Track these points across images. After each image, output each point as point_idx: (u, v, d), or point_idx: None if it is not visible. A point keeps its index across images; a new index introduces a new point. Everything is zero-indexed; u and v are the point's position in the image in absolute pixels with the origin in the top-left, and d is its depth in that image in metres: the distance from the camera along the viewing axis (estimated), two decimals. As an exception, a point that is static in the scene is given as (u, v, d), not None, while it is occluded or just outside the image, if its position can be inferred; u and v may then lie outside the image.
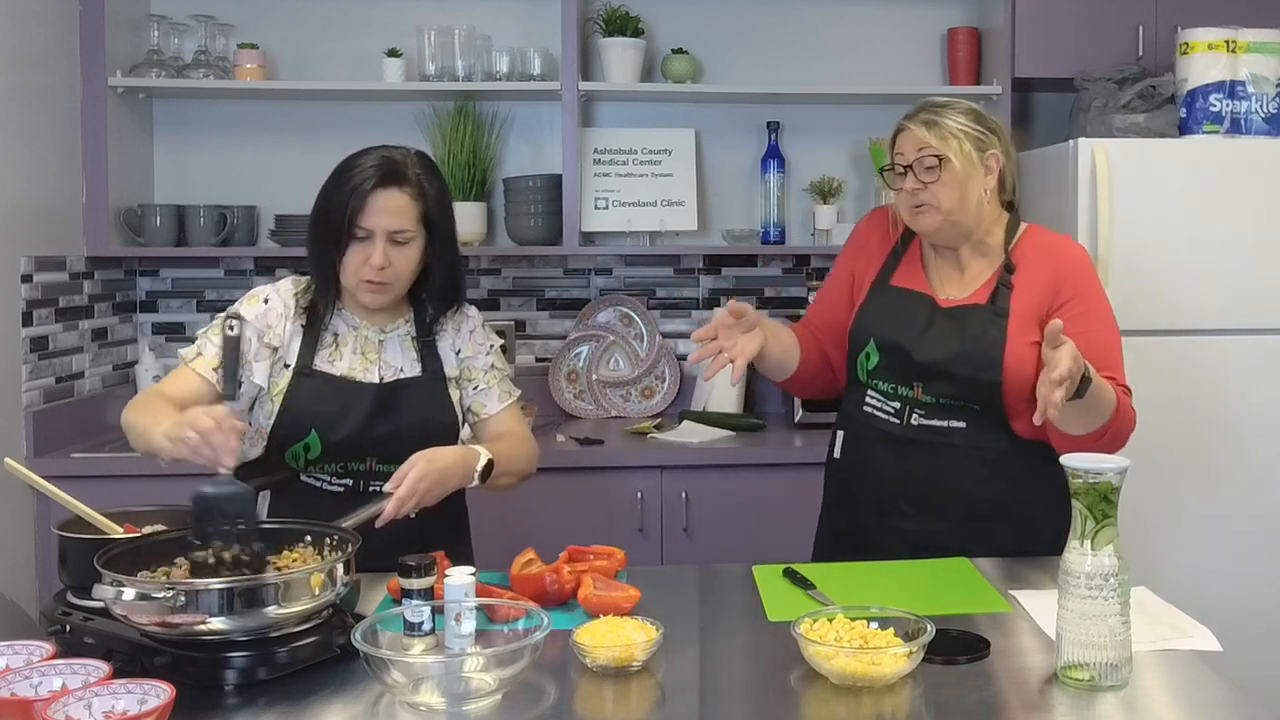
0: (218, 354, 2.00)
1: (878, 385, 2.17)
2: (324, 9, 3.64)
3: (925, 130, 2.09)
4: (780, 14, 3.74)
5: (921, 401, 2.12)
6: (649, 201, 3.67)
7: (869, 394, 2.19)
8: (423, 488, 1.90)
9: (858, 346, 2.19)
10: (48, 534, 2.93)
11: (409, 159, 2.04)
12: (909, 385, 2.13)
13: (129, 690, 1.34)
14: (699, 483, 3.17)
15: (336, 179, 2.02)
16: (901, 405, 2.14)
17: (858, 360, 2.19)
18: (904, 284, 2.20)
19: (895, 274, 2.22)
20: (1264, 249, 3.13)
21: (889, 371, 2.15)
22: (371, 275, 1.99)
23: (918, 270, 2.21)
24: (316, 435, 2.02)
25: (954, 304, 2.15)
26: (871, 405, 2.17)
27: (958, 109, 2.12)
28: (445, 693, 1.47)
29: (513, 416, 2.21)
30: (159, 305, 3.71)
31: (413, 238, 2.02)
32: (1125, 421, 2.04)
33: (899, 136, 2.15)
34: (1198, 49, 3.24)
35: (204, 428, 1.69)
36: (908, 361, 2.12)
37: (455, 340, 2.17)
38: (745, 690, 1.56)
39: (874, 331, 2.17)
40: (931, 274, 2.20)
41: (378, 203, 1.98)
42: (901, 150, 2.13)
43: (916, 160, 2.09)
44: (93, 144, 3.33)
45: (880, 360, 2.16)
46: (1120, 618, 1.50)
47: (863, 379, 2.19)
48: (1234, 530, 3.13)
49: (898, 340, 2.13)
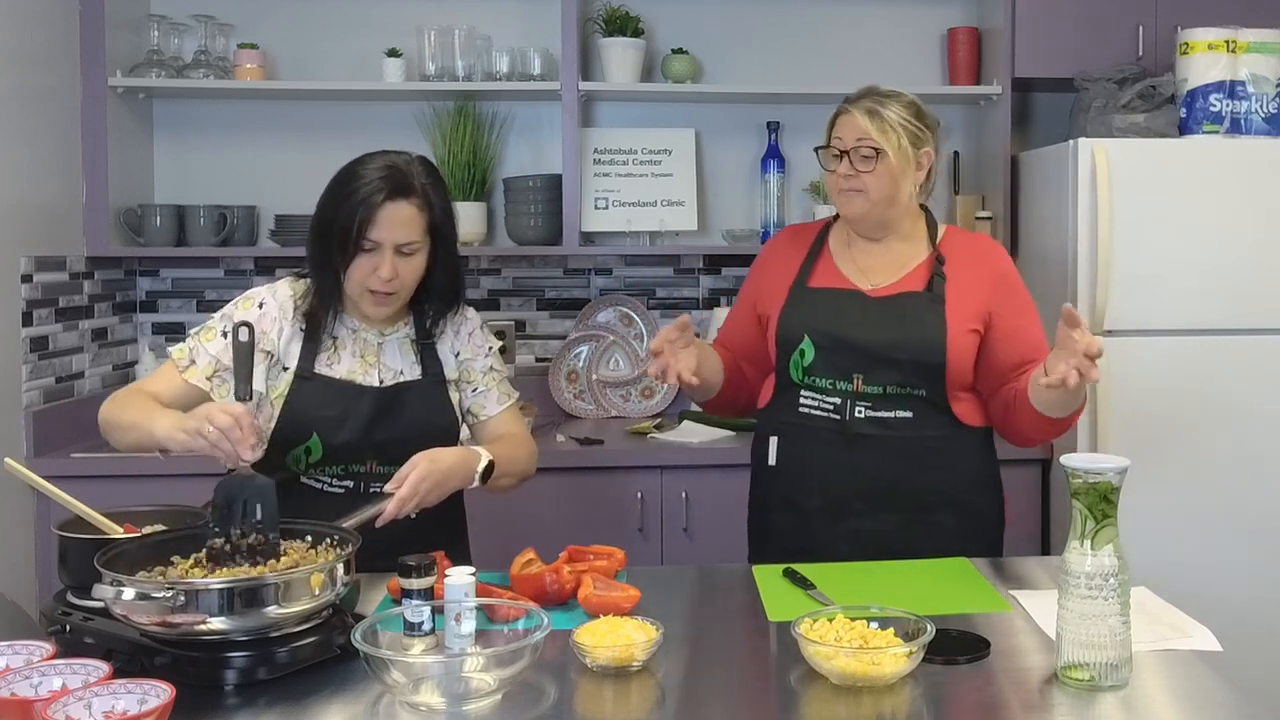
0: (211, 362, 2.01)
1: (815, 383, 2.16)
2: (324, 9, 3.64)
3: (867, 119, 2.13)
4: (780, 14, 3.74)
5: (864, 394, 2.13)
6: (649, 201, 3.67)
7: (804, 394, 2.17)
8: (424, 489, 1.90)
9: (789, 347, 2.18)
10: (48, 534, 2.93)
11: (414, 168, 2.02)
12: (848, 379, 2.13)
13: (129, 690, 1.34)
14: (699, 483, 3.17)
15: (342, 188, 1.99)
16: (843, 400, 2.14)
17: (790, 360, 2.18)
18: (824, 283, 2.23)
19: (812, 277, 2.24)
20: (1264, 249, 3.13)
21: (827, 367, 2.15)
22: (379, 286, 1.99)
23: (833, 270, 2.24)
24: (318, 438, 2.02)
25: (884, 293, 2.18)
26: (808, 405, 2.16)
27: (900, 101, 2.16)
28: (445, 693, 1.47)
29: (512, 418, 2.21)
30: (159, 305, 3.71)
31: (419, 248, 2.02)
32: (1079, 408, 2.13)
33: (840, 119, 2.18)
34: (1198, 49, 3.24)
35: (223, 424, 1.72)
36: (848, 352, 2.13)
37: (454, 343, 2.17)
38: (745, 690, 1.56)
39: (807, 328, 2.16)
40: (848, 270, 2.23)
41: (386, 215, 1.96)
42: (840, 135, 2.16)
43: (854, 148, 2.13)
44: (93, 144, 3.33)
45: (817, 356, 2.15)
46: (1120, 618, 1.50)
47: (797, 379, 2.18)
48: (1234, 530, 3.13)
49: (834, 332, 2.14)
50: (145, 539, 1.70)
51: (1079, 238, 3.09)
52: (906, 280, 2.18)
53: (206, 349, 2.02)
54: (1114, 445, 3.04)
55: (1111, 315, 3.09)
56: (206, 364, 2.01)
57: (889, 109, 2.13)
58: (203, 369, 2.01)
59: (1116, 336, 3.10)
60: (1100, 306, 3.07)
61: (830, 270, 2.24)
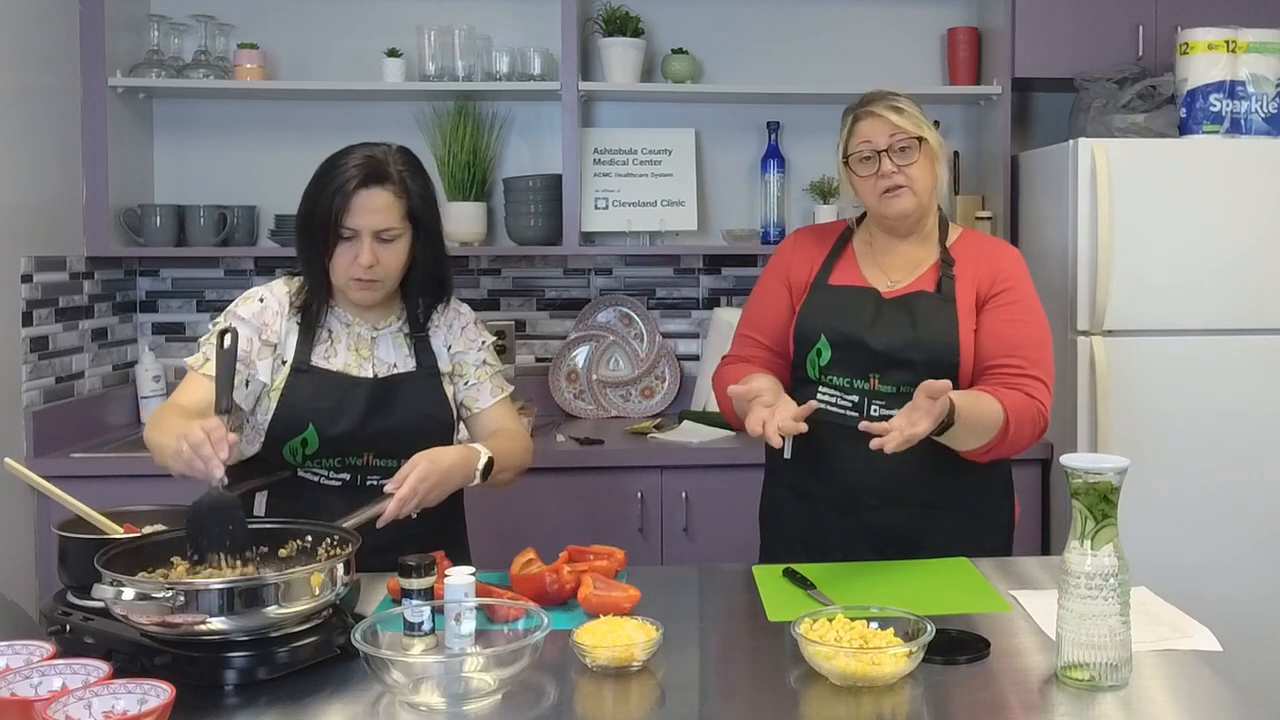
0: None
1: (832, 381, 2.17)
2: (324, 9, 3.64)
3: (896, 115, 2.13)
4: (780, 14, 3.74)
5: (879, 392, 2.13)
6: (649, 201, 3.67)
7: (822, 390, 2.18)
8: (424, 489, 1.90)
9: (807, 345, 2.19)
10: (48, 534, 2.92)
11: (390, 156, 2.05)
12: (865, 378, 2.14)
13: (129, 690, 1.34)
14: (699, 483, 3.17)
15: (320, 180, 2.03)
16: (860, 398, 2.15)
17: (808, 358, 2.19)
18: (843, 281, 2.23)
19: (833, 275, 2.25)
20: (1264, 249, 3.13)
21: (843, 366, 2.16)
22: (360, 274, 2.01)
23: (854, 268, 2.25)
24: (314, 429, 2.02)
25: (897, 293, 2.18)
26: (825, 401, 2.17)
27: (909, 99, 2.19)
28: (445, 693, 1.47)
29: (505, 412, 2.22)
30: (159, 305, 3.71)
31: (399, 235, 2.03)
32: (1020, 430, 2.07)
33: (860, 124, 2.17)
34: (1198, 49, 3.24)
35: (195, 440, 1.70)
36: (863, 353, 2.14)
37: (448, 337, 2.18)
38: (745, 690, 1.56)
39: (823, 327, 2.18)
40: (867, 269, 2.24)
41: (361, 202, 1.99)
42: (869, 137, 2.15)
43: (890, 145, 2.13)
44: (93, 144, 3.33)
45: (833, 355, 2.16)
46: (1120, 618, 1.50)
47: (814, 376, 2.19)
48: (1234, 530, 3.13)
49: (849, 333, 2.15)
50: (145, 539, 1.70)
51: (1079, 238, 3.09)
52: (919, 281, 2.19)
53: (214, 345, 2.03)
54: (1114, 445, 3.04)
55: (1111, 315, 3.09)
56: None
57: (906, 105, 2.16)
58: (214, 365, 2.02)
59: (1116, 336, 3.10)
60: (1100, 306, 3.07)
61: (851, 269, 2.25)
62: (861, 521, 2.16)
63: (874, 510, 2.15)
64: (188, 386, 2.05)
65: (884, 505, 2.15)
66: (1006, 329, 2.14)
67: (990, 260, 2.21)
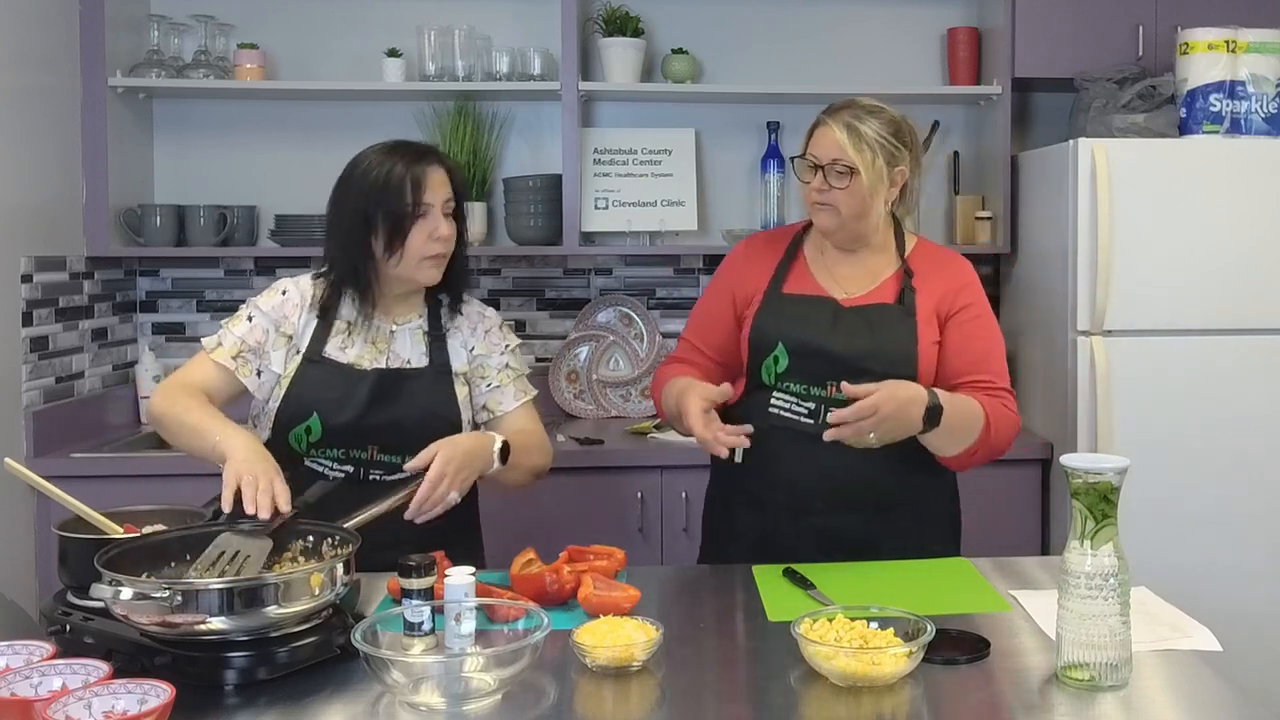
0: (236, 343, 2.07)
1: (788, 387, 2.17)
2: (324, 9, 3.64)
3: (845, 134, 2.11)
4: (780, 14, 3.74)
5: (837, 400, 2.11)
6: (649, 201, 3.67)
7: (776, 395, 2.18)
8: (452, 469, 1.91)
9: (762, 352, 2.19)
10: (48, 534, 2.92)
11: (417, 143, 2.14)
12: (822, 385, 2.14)
13: (129, 690, 1.34)
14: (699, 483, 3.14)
15: (370, 173, 2.05)
16: (816, 405, 2.14)
17: (763, 365, 2.19)
18: (798, 290, 2.23)
19: (786, 283, 2.24)
20: (1264, 249, 3.13)
21: (801, 373, 2.15)
22: (439, 249, 2.07)
23: (807, 277, 2.25)
24: (318, 418, 2.04)
25: (856, 303, 2.19)
26: (779, 406, 2.16)
27: (880, 118, 2.14)
28: (445, 693, 1.47)
29: (527, 415, 2.22)
30: (159, 305, 3.71)
31: (452, 211, 2.11)
32: (1000, 434, 2.12)
33: (818, 131, 2.17)
34: (1198, 49, 3.24)
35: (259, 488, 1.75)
36: (823, 360, 2.13)
37: (469, 338, 2.19)
38: (745, 690, 1.56)
39: (781, 335, 2.17)
40: (822, 278, 2.24)
41: (433, 176, 2.07)
42: (816, 150, 2.15)
43: (829, 164, 2.12)
44: (93, 144, 3.33)
45: (790, 363, 2.16)
46: (1120, 618, 1.50)
47: (769, 382, 2.18)
48: (1234, 530, 3.12)
49: (808, 340, 2.15)
50: (145, 539, 1.70)
51: (1079, 238, 3.09)
52: (877, 291, 2.20)
53: (233, 332, 2.09)
54: (1114, 445, 3.05)
55: (1111, 315, 3.09)
56: (232, 344, 2.07)
57: (867, 125, 2.11)
58: (228, 349, 2.07)
59: (1116, 336, 3.10)
60: (1100, 306, 3.07)
61: (805, 277, 2.25)
62: (811, 525, 2.16)
63: (823, 514, 2.15)
64: (194, 366, 2.09)
65: (834, 510, 2.15)
66: (975, 344, 2.17)
67: (949, 273, 2.22)
